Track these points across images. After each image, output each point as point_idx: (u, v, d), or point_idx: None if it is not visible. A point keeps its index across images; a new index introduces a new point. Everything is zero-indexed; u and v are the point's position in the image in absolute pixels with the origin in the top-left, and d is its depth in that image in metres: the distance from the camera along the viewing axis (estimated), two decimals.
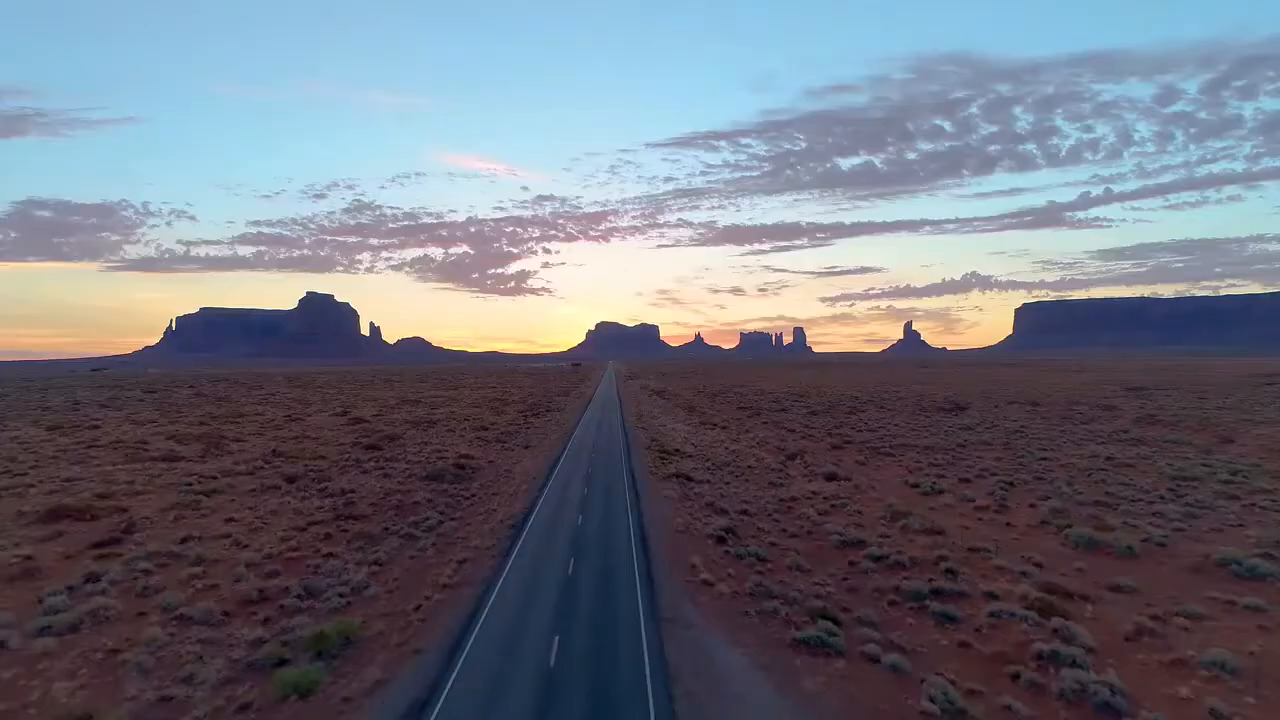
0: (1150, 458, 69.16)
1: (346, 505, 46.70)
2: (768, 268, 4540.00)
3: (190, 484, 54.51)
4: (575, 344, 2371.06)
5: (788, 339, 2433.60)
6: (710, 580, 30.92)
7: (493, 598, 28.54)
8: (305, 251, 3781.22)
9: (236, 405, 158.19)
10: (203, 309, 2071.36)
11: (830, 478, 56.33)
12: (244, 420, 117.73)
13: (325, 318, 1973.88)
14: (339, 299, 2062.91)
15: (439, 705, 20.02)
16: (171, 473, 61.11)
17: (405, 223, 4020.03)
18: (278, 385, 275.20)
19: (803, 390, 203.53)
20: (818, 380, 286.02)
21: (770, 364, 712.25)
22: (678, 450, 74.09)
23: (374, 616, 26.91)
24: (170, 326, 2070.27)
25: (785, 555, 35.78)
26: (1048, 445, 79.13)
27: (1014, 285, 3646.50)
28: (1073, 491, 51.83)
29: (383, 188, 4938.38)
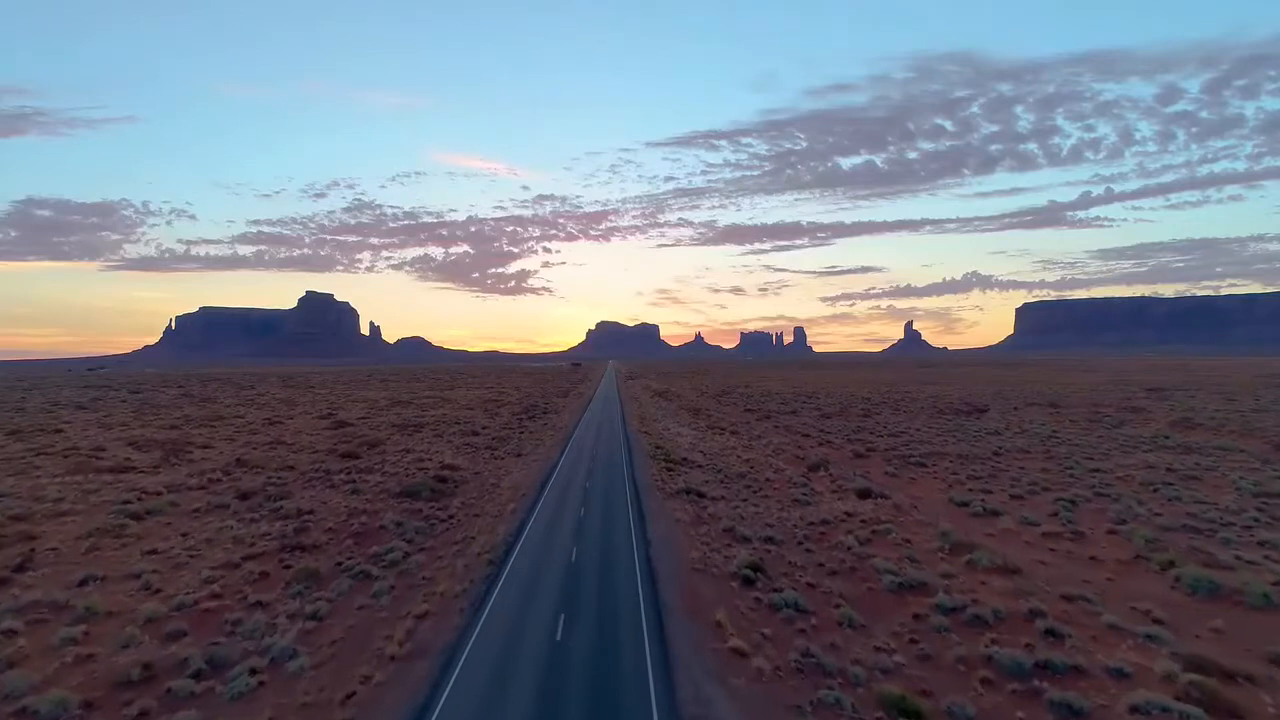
0: (1214, 468, 61.86)
1: (298, 532, 39.42)
2: (768, 267, 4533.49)
3: (128, 502, 47.26)
4: (575, 343, 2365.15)
5: (788, 339, 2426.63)
6: (743, 649, 23.59)
7: (451, 681, 21.20)
8: (305, 251, 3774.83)
9: (219, 407, 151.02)
10: (202, 308, 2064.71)
11: (864, 494, 49.00)
12: (221, 424, 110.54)
13: (325, 317, 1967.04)
14: (339, 298, 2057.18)
15: None
16: (114, 487, 53.87)
17: (405, 222, 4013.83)
18: (269, 385, 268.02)
19: (810, 391, 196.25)
20: (822, 380, 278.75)
21: (771, 364, 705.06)
22: (685, 459, 66.83)
23: (287, 713, 19.64)
24: (170, 326, 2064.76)
25: (830, 603, 28.51)
26: (1092, 453, 71.87)
27: (1014, 285, 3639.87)
28: (1148, 513, 44.54)
29: (383, 187, 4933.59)
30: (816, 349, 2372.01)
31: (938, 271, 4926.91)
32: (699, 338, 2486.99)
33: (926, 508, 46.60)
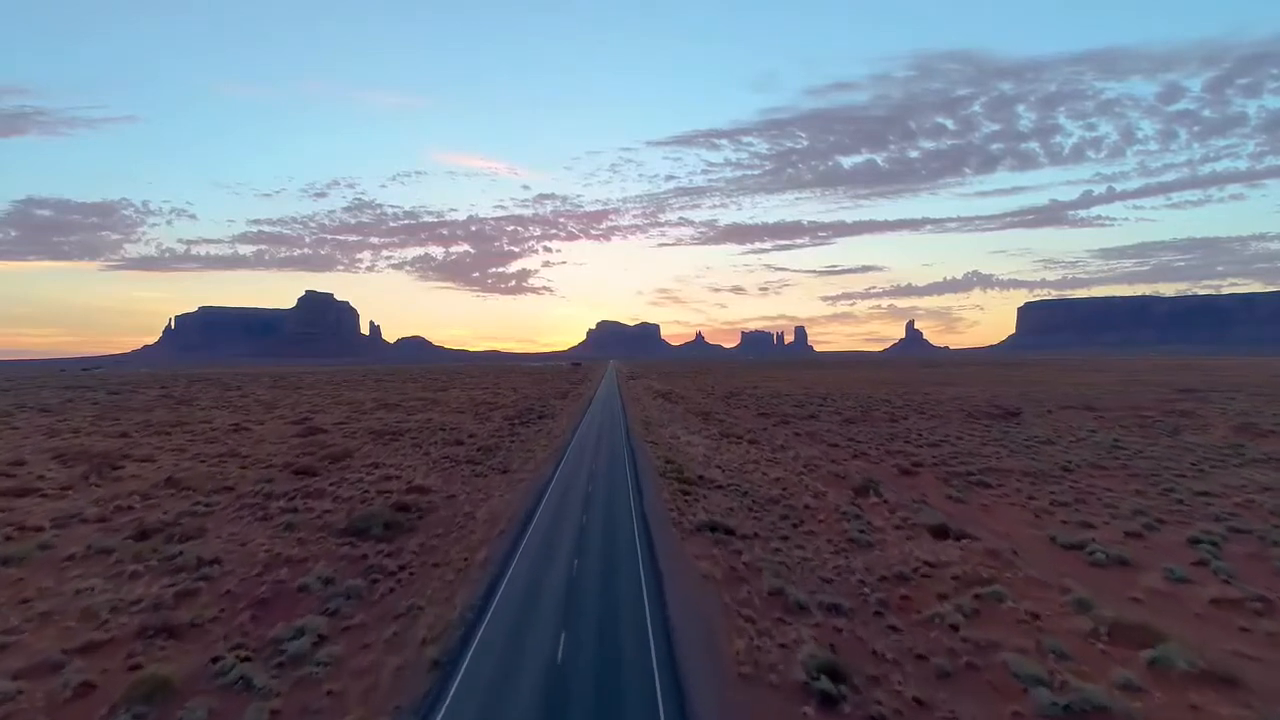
0: None
1: (183, 598, 28.59)
2: (769, 266, 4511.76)
3: None
4: (576, 343, 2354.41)
5: (789, 338, 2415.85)
6: None
7: None
8: (306, 250, 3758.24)
9: (192, 410, 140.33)
10: (201, 308, 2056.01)
11: (940, 533, 38.09)
12: (179, 430, 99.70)
13: (324, 317, 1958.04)
14: (339, 298, 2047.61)
15: None
16: None
17: (406, 221, 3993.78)
18: (256, 386, 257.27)
19: (822, 392, 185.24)
20: (830, 380, 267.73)
21: (773, 363, 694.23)
22: (701, 477, 55.94)
23: None
24: (169, 326, 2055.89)
25: None
26: (1180, 469, 60.98)
27: (1015, 284, 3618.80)
28: None
29: (383, 186, 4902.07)
30: (817, 348, 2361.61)
31: (938, 271, 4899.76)
32: (699, 337, 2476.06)
33: (1029, 553, 35.66)
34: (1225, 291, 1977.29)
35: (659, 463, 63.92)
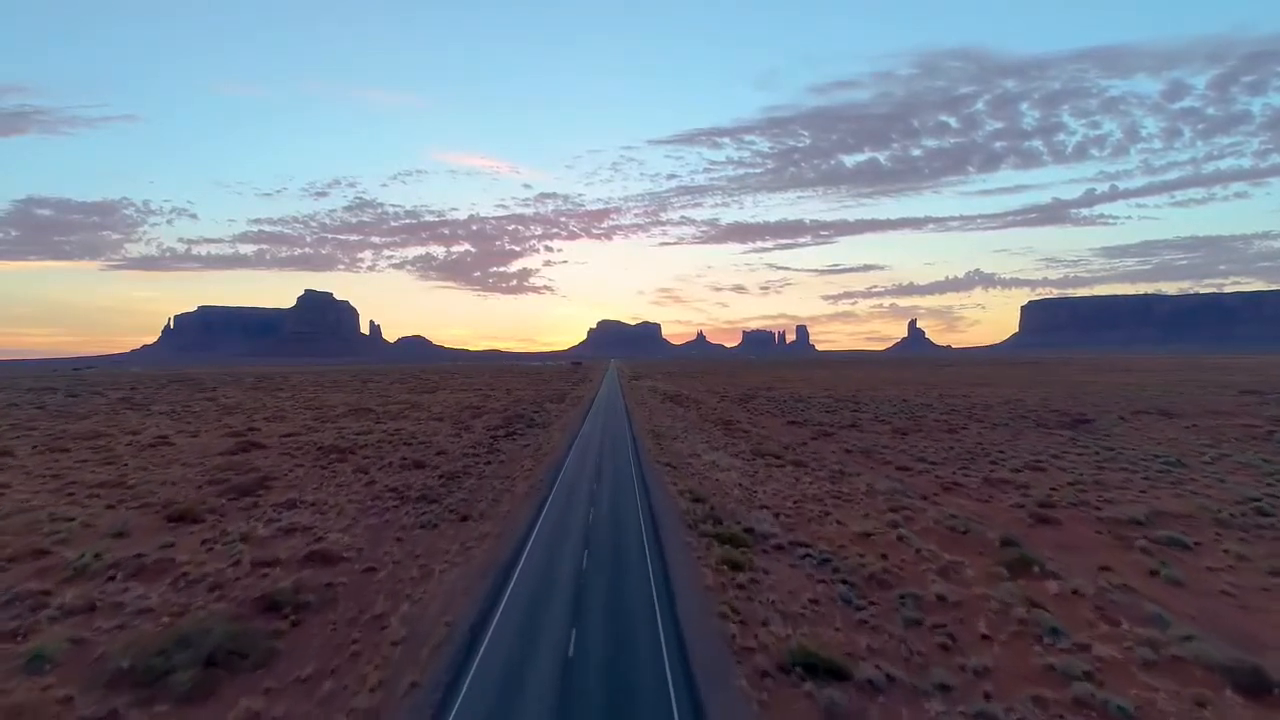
0: None
1: None
2: (770, 265, 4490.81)
3: None
4: (576, 343, 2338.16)
5: (790, 337, 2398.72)
6: None
7: None
8: (307, 250, 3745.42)
9: (132, 417, 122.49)
10: (200, 308, 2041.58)
11: (1251, 683, 20.06)
12: (89, 443, 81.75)
13: (324, 316, 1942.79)
14: (339, 298, 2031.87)
15: None
16: None
17: (407, 221, 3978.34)
18: (234, 388, 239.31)
19: (848, 394, 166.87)
20: (844, 380, 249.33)
21: (776, 363, 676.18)
22: (750, 530, 37.96)
23: None
24: (168, 325, 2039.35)
25: None
26: None
27: (1017, 283, 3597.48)
28: None
29: (384, 186, 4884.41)
30: (819, 348, 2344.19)
31: (940, 270, 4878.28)
32: (701, 336, 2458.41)
33: None
34: (1228, 290, 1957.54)
35: (683, 501, 45.86)
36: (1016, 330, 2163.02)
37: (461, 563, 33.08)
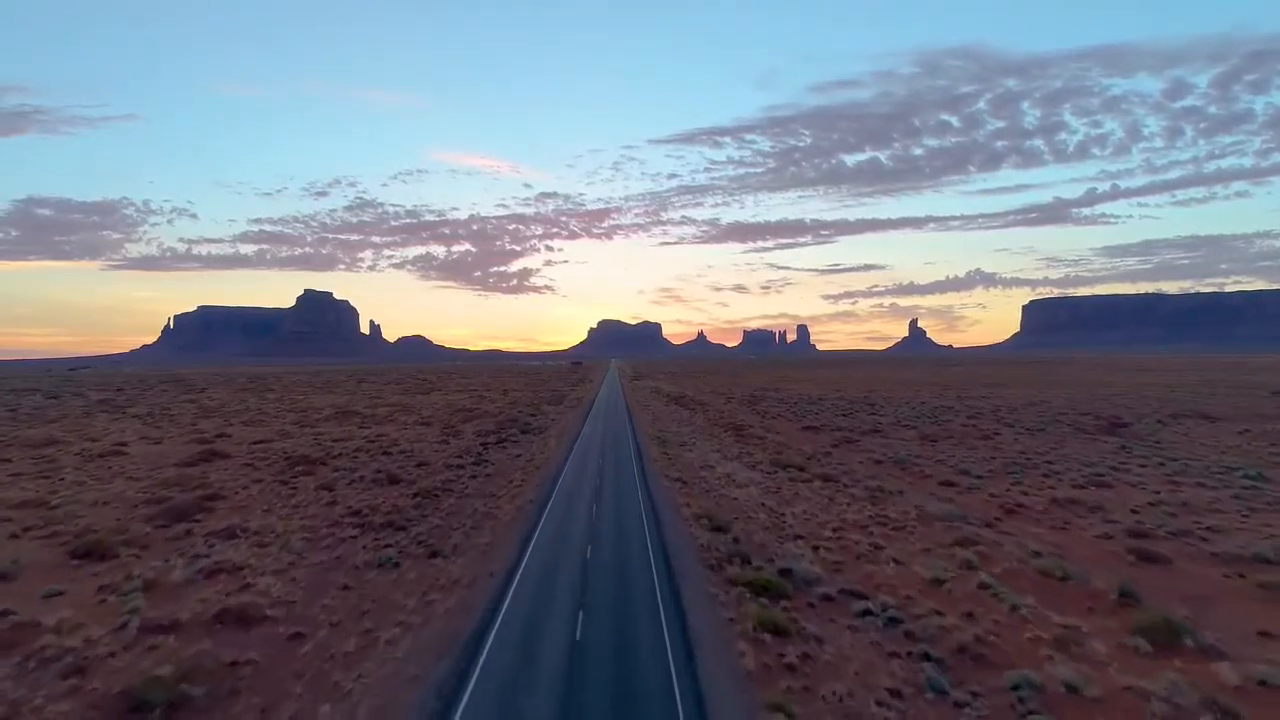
0: None
1: None
2: (771, 265, 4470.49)
3: None
4: (577, 342, 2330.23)
5: (791, 337, 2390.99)
6: None
7: None
8: (307, 250, 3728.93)
9: (99, 421, 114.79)
10: (200, 308, 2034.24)
11: None
12: (38, 452, 74.01)
13: (323, 316, 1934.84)
14: (339, 297, 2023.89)
15: None
16: None
17: (407, 220, 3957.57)
18: (224, 388, 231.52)
19: (860, 396, 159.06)
20: (851, 380, 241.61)
21: (780, 362, 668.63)
22: (787, 572, 30.23)
23: None
24: (168, 325, 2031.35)
25: None
26: None
27: (1018, 283, 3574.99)
28: None
29: (385, 185, 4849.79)
30: (820, 347, 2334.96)
31: (941, 269, 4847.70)
32: (701, 336, 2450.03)
33: None
34: (1229, 289, 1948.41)
35: (700, 529, 38.06)
36: (1017, 330, 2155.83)
37: (418, 624, 25.29)
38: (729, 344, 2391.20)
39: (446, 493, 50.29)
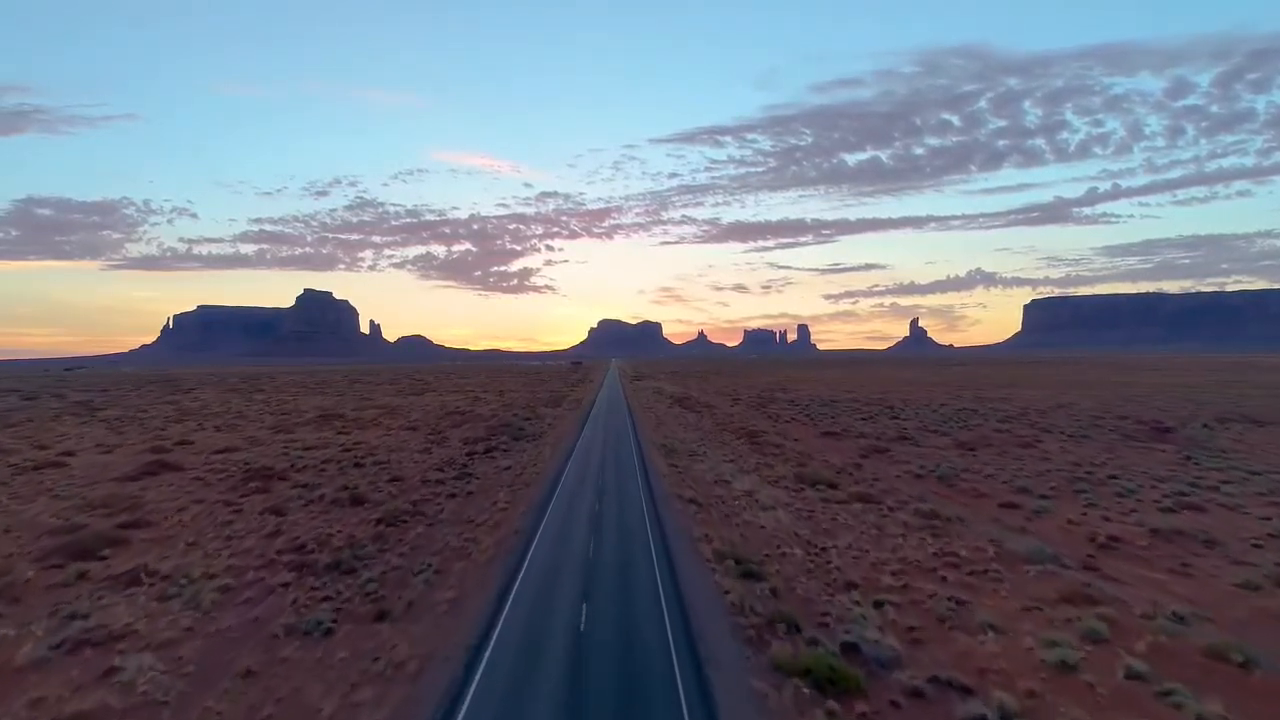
0: None
1: None
2: (772, 265, 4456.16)
3: None
4: (577, 342, 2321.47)
5: (791, 337, 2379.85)
6: None
7: None
8: (308, 249, 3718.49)
9: (57, 426, 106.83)
10: (200, 307, 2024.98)
11: None
12: None
13: (323, 316, 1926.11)
14: (339, 297, 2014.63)
15: None
16: None
17: (408, 220, 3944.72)
18: (213, 389, 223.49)
19: (874, 397, 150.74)
20: (859, 381, 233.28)
21: (782, 362, 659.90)
22: (852, 648, 22.17)
23: None
24: (167, 325, 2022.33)
25: None
26: None
27: (1019, 282, 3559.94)
28: None
29: (385, 185, 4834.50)
30: (820, 347, 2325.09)
31: (941, 269, 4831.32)
32: (702, 336, 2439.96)
33: None
34: (1230, 289, 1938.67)
35: (726, 575, 29.93)
36: (1018, 330, 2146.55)
37: None
38: (729, 344, 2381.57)
39: (416, 517, 42.19)
